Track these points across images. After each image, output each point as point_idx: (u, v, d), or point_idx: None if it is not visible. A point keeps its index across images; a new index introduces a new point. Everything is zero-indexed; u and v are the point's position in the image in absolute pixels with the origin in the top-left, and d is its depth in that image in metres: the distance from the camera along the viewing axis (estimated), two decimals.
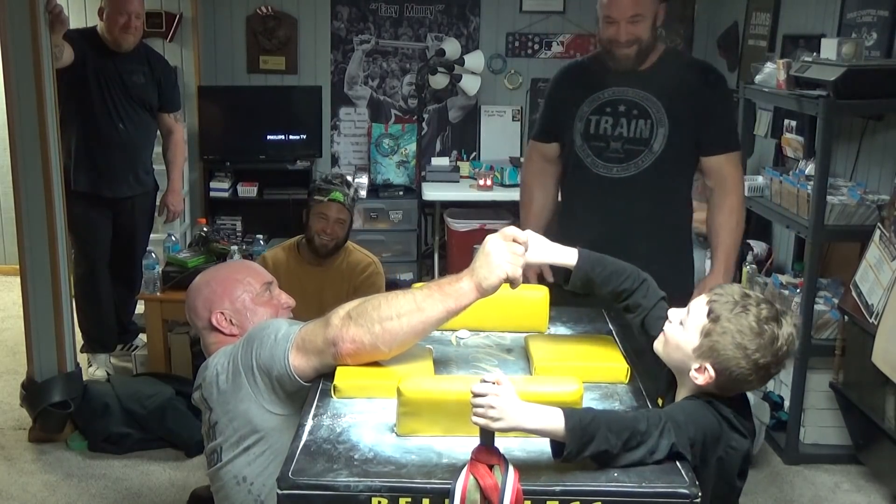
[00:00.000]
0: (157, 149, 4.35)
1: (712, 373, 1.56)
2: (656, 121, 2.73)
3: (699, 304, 1.60)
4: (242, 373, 1.85)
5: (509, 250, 1.69)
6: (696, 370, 1.57)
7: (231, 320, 2.07)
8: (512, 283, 1.70)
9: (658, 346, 1.67)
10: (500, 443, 1.40)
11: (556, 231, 2.95)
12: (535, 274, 2.69)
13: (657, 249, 2.71)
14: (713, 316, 1.56)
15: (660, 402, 1.72)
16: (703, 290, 2.32)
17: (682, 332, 1.60)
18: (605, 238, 2.62)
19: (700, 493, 1.38)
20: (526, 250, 1.73)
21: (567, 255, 1.80)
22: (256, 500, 1.89)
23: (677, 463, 1.45)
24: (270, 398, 1.83)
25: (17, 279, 3.56)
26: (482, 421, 1.38)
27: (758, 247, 4.31)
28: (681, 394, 1.65)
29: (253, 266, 2.24)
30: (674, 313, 1.65)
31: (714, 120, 2.78)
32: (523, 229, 2.70)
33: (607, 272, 1.80)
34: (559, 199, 3.04)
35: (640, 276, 1.81)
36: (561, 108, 2.89)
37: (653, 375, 1.78)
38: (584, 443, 1.39)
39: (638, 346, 1.87)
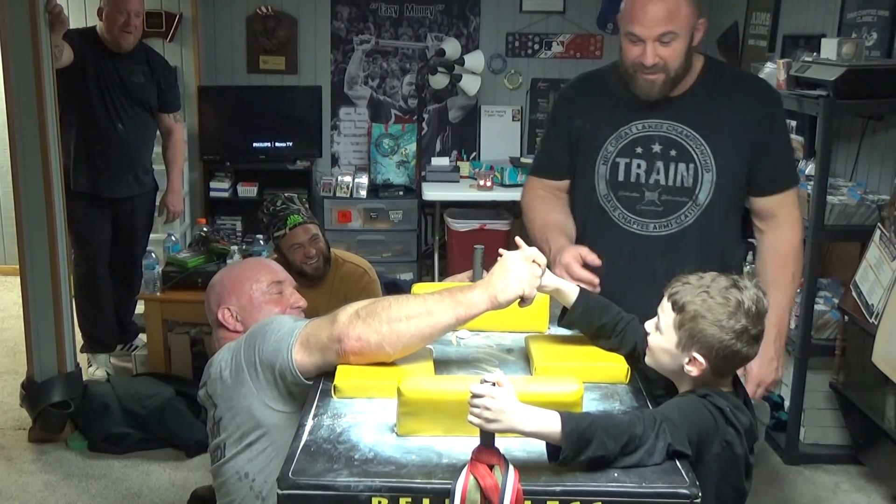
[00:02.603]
0: (157, 149, 4.35)
1: (701, 359, 1.58)
2: (701, 165, 2.20)
3: (664, 304, 1.64)
4: (245, 368, 1.85)
5: (529, 270, 1.73)
6: (687, 364, 1.60)
7: (237, 317, 2.09)
8: (524, 300, 1.74)
9: (648, 360, 1.70)
10: (501, 443, 1.40)
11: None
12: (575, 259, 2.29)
13: None
14: (678, 307, 1.60)
15: None
16: (749, 369, 2.14)
17: (660, 336, 1.64)
18: (646, 308, 2.04)
19: (700, 494, 1.38)
20: (543, 273, 1.77)
21: (571, 289, 1.86)
22: (258, 496, 1.89)
23: (677, 463, 1.45)
24: (272, 394, 1.84)
25: (17, 279, 3.56)
26: (477, 421, 1.38)
27: None
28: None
29: (267, 263, 2.24)
30: (648, 324, 1.69)
31: (769, 152, 2.24)
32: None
33: (603, 304, 1.88)
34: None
35: (628, 315, 1.88)
36: (577, 140, 2.32)
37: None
38: (581, 448, 1.40)
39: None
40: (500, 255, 1.77)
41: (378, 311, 1.69)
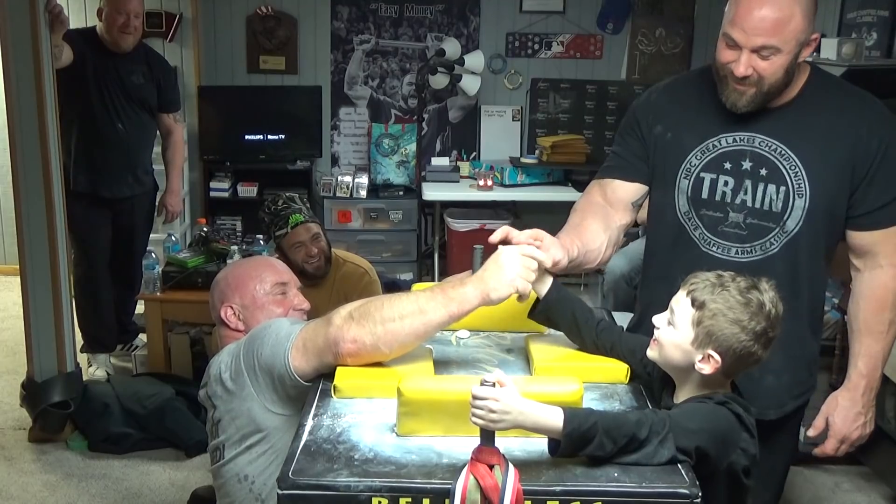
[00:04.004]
0: (157, 149, 4.35)
1: (717, 357, 1.56)
2: (793, 188, 1.95)
3: (680, 299, 1.61)
4: (245, 372, 1.86)
5: (523, 265, 1.71)
6: (700, 361, 1.57)
7: (239, 316, 2.09)
8: (520, 297, 1.72)
9: (653, 354, 1.66)
10: (501, 443, 1.40)
11: (646, 310, 2.11)
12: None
13: (781, 353, 1.88)
14: (698, 303, 1.57)
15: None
16: (829, 412, 2.04)
17: (674, 331, 1.60)
18: None
19: (700, 493, 1.38)
20: (537, 269, 1.74)
21: (546, 280, 1.83)
22: (257, 498, 1.89)
23: (678, 464, 1.45)
24: (272, 398, 1.84)
25: (17, 279, 3.56)
26: (482, 422, 1.38)
27: None
28: (682, 393, 1.65)
29: (273, 263, 2.24)
30: (658, 319, 1.65)
31: (873, 182, 1.96)
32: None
33: (576, 299, 1.84)
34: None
35: (599, 314, 1.86)
36: (656, 149, 2.09)
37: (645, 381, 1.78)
38: (580, 447, 1.41)
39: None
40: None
41: (371, 311, 1.69)
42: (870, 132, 1.95)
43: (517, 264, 1.71)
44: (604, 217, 2.11)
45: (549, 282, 1.82)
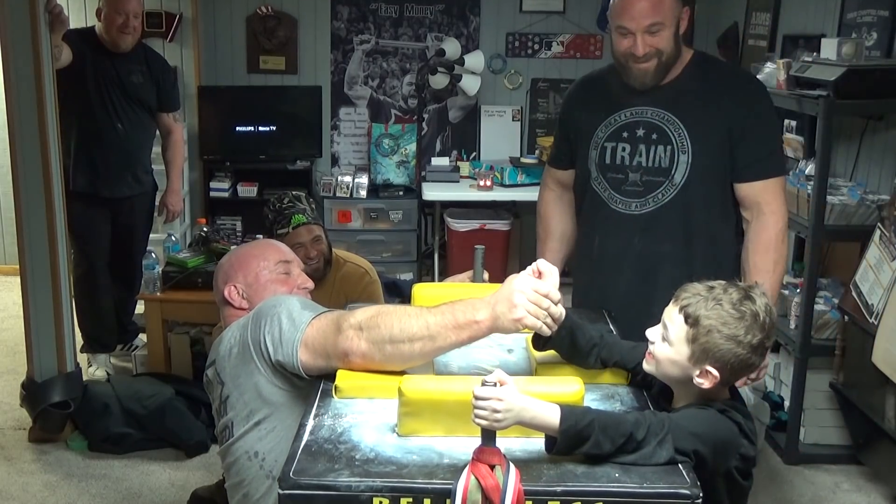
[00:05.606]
0: (157, 149, 4.35)
1: (715, 372, 1.55)
2: (677, 146, 2.35)
3: (673, 315, 1.59)
4: (251, 346, 1.86)
5: (533, 300, 1.61)
6: (698, 376, 1.57)
7: (242, 294, 2.09)
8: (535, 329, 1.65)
9: (649, 367, 1.65)
10: (501, 443, 1.40)
11: (575, 271, 2.66)
12: None
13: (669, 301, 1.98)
14: (692, 320, 1.56)
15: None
16: None
17: (669, 348, 1.59)
18: (628, 285, 2.43)
19: (701, 494, 1.38)
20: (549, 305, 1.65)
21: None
22: (268, 475, 1.89)
23: (679, 464, 1.45)
24: (275, 373, 1.85)
25: (17, 279, 3.56)
26: (485, 423, 1.38)
27: None
28: (681, 402, 1.65)
29: (275, 243, 2.25)
30: (652, 333, 1.63)
31: (749, 139, 2.35)
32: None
33: (579, 323, 1.76)
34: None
35: (596, 332, 1.80)
36: (574, 132, 2.54)
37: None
38: (576, 444, 1.41)
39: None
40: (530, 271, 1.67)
41: (381, 328, 1.68)
42: (745, 96, 2.38)
43: (529, 303, 1.61)
44: (561, 211, 2.66)
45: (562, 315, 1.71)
